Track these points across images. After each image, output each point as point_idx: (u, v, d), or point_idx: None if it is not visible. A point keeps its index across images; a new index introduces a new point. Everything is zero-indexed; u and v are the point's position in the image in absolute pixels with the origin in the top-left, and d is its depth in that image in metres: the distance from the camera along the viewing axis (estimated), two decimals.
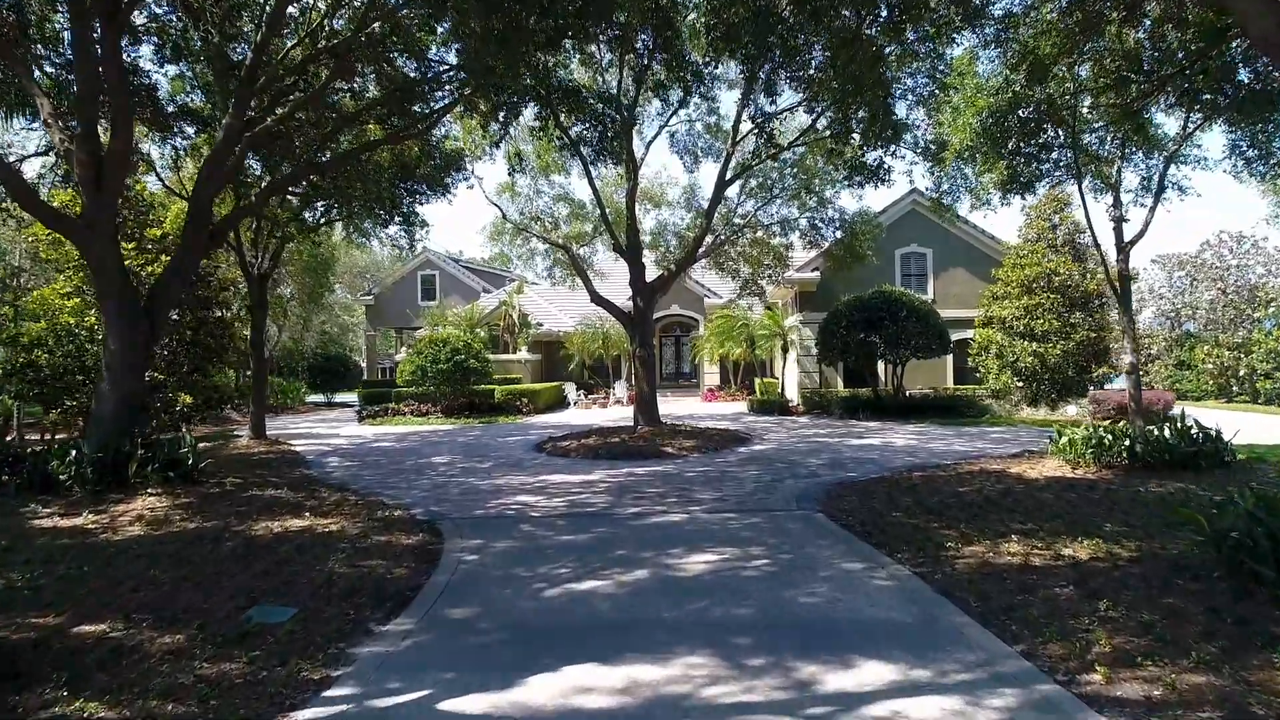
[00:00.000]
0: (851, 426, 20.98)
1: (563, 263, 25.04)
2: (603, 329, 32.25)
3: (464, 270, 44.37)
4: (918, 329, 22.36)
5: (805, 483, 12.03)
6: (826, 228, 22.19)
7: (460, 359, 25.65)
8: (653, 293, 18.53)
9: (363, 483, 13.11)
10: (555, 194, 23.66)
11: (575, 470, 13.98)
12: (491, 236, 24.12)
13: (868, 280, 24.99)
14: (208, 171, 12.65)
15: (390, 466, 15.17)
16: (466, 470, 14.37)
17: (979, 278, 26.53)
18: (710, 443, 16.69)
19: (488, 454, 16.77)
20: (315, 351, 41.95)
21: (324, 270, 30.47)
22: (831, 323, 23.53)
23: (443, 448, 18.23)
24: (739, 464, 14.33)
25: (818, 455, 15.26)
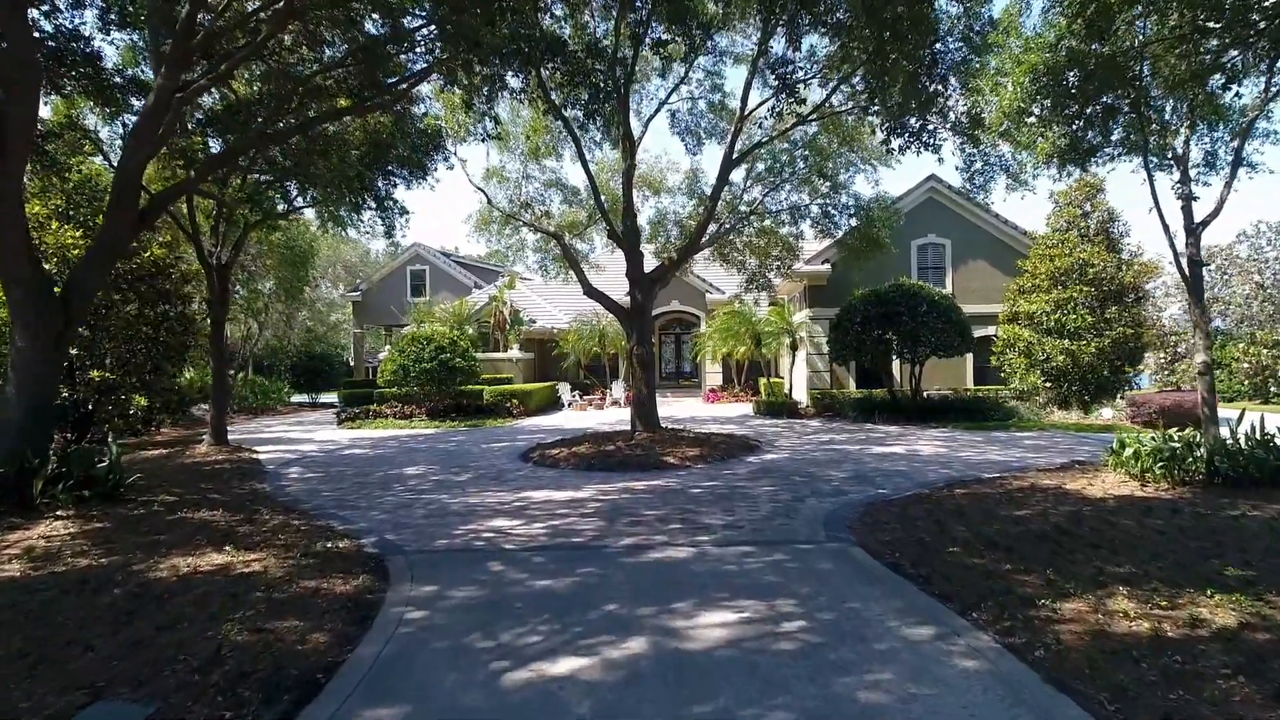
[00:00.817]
0: (869, 431, 19.22)
1: (555, 255, 23.29)
2: (599, 325, 30.49)
3: (455, 265, 42.57)
4: (939, 324, 20.59)
5: (830, 502, 10.27)
6: (840, 215, 20.44)
7: (445, 358, 23.89)
8: (652, 284, 16.77)
9: (317, 500, 11.35)
10: (546, 179, 21.89)
11: (563, 485, 12.22)
12: (478, 226, 22.33)
13: (882, 273, 23.24)
14: (135, 139, 10.88)
15: (355, 479, 13.41)
16: (439, 484, 12.60)
17: (1001, 271, 24.79)
18: (716, 451, 14.93)
19: (467, 464, 15.01)
20: (300, 350, 40.16)
21: (302, 263, 28.69)
22: (844, 318, 21.77)
23: (419, 456, 16.47)
24: (750, 477, 12.57)
25: (838, 466, 13.50)
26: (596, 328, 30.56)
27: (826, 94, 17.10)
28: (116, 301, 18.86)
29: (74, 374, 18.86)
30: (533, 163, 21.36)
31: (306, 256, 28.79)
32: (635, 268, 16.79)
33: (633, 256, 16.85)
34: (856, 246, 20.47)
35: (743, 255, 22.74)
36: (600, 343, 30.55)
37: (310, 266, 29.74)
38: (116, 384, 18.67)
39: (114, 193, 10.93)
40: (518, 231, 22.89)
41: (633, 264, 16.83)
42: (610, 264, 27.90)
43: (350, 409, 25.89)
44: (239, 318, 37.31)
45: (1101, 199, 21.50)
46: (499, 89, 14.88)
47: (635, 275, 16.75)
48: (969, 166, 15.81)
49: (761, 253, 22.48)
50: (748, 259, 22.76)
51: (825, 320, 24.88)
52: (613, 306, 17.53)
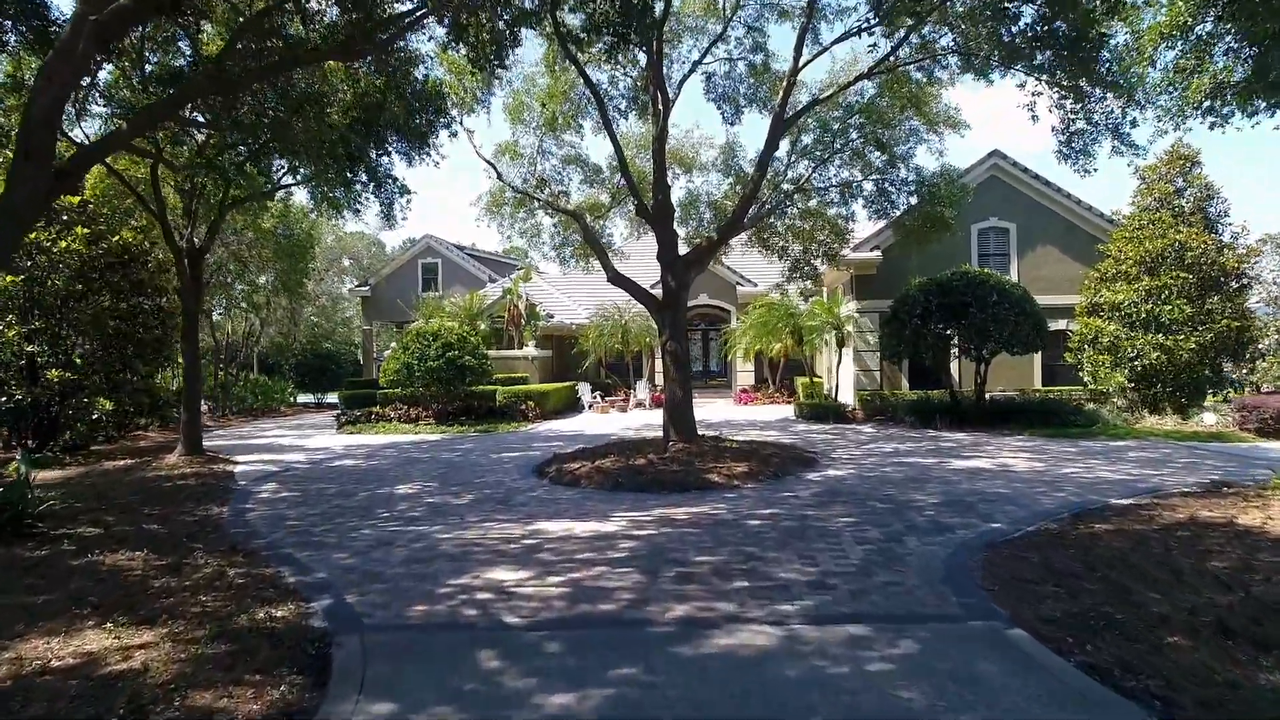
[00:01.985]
0: (936, 440, 16.69)
1: (574, 240, 20.92)
2: (622, 320, 28.10)
3: (469, 259, 40.30)
4: (1012, 317, 18.02)
5: (937, 543, 7.81)
6: (899, 192, 17.86)
7: (454, 356, 21.59)
8: (687, 269, 14.32)
9: (278, 533, 9.04)
10: (565, 155, 19.49)
11: (586, 512, 9.83)
12: (488, 209, 19.96)
13: (937, 262, 20.68)
14: (45, 78, 8.60)
15: (335, 501, 11.10)
16: (434, 509, 10.25)
17: (1073, 258, 22.15)
18: (767, 466, 12.48)
19: (471, 480, 12.67)
20: (305, 348, 38.06)
21: (301, 254, 26.47)
22: (900, 311, 19.22)
23: (418, 469, 14.16)
24: (817, 502, 10.12)
25: (922, 487, 11.02)
26: (618, 323, 28.17)
27: (892, 46, 14.61)
28: (82, 291, 16.73)
29: (35, 373, 16.74)
30: (549, 136, 18.98)
31: (305, 247, 26.57)
32: (668, 249, 14.36)
33: (665, 236, 14.43)
34: (917, 228, 17.92)
35: (784, 240, 20.26)
36: (623, 339, 28.17)
37: (310, 258, 27.54)
38: (78, 384, 16.51)
39: (20, 145, 8.64)
40: (533, 215, 20.52)
41: (665, 245, 14.41)
42: (635, 251, 25.44)
43: (351, 411, 23.67)
44: (237, 313, 35.36)
45: (1198, 173, 18.83)
46: (511, 45, 12.54)
47: (668, 259, 14.33)
48: (1067, 127, 13.24)
49: (806, 237, 19.98)
50: (790, 244, 20.27)
51: (874, 314, 22.38)
52: (641, 295, 15.12)
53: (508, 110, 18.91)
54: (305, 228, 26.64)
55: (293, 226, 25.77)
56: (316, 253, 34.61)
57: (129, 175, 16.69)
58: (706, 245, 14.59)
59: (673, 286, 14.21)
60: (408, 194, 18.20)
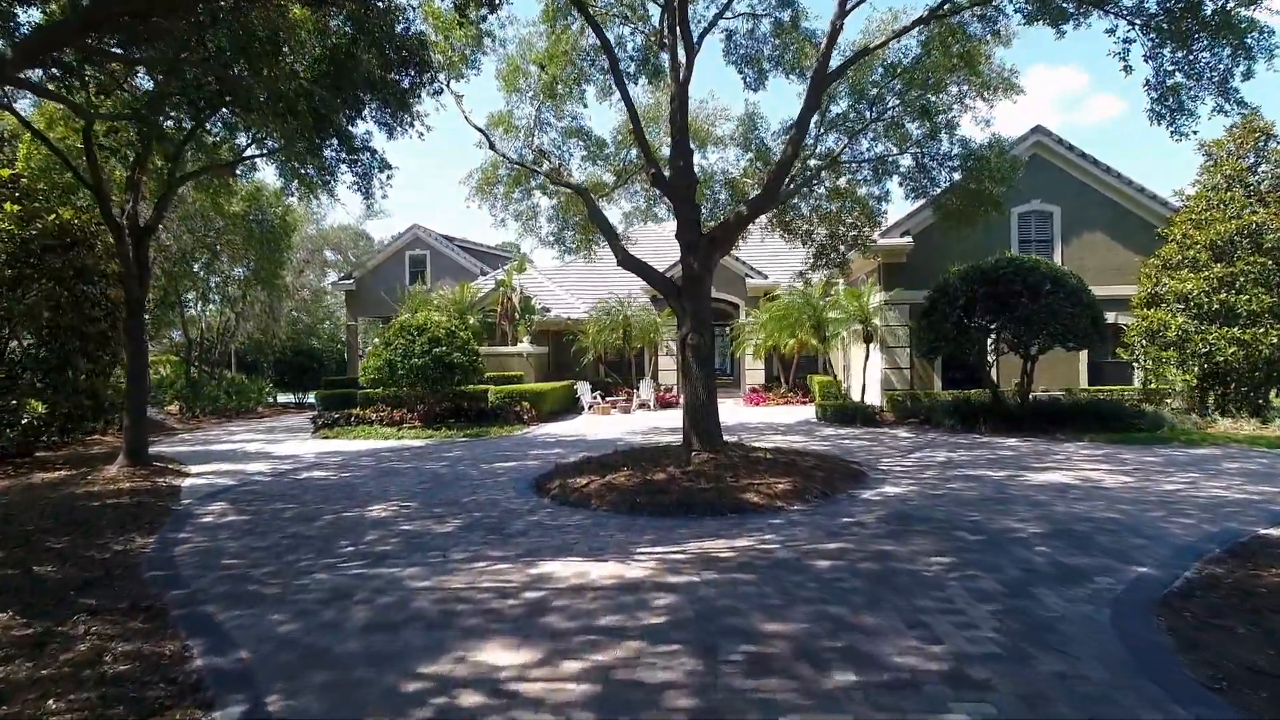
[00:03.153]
0: (990, 448, 14.69)
1: (575, 224, 18.88)
2: (624, 314, 26.03)
3: (459, 250, 38.15)
4: (1067, 309, 16.05)
5: (1081, 597, 5.79)
6: (940, 167, 15.92)
7: (441, 352, 19.49)
8: (711, 249, 12.24)
9: (208, 577, 6.97)
10: (566, 127, 17.46)
11: (601, 547, 7.77)
12: (480, 187, 17.86)
13: (973, 250, 18.75)
14: None
15: (290, 529, 9.01)
16: (411, 541, 8.18)
17: (1125, 244, 20.22)
18: (811, 482, 10.45)
19: (459, 499, 10.60)
20: (285, 345, 35.86)
21: (275, 243, 24.28)
22: (939, 302, 17.23)
23: (397, 483, 12.08)
24: (890, 532, 8.08)
25: (1008, 510, 9.02)
26: (619, 317, 26.09)
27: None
28: (13, 278, 14.59)
29: None
30: (548, 105, 16.92)
31: (280, 235, 24.37)
32: (689, 228, 12.29)
33: (685, 212, 12.36)
34: (960, 208, 15.94)
35: (809, 223, 18.26)
36: (624, 335, 26.11)
37: (286, 247, 25.36)
38: (8, 384, 14.37)
39: None
40: (529, 195, 18.47)
41: (685, 223, 12.34)
42: (642, 237, 23.33)
43: (328, 414, 21.56)
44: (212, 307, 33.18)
45: (1275, 147, 16.87)
46: None
47: (689, 238, 12.26)
48: (1161, 81, 11.22)
49: (833, 220, 18.00)
50: (815, 228, 18.28)
51: (904, 306, 20.39)
52: (657, 281, 13.07)
53: (501, 77, 16.84)
54: (280, 213, 24.44)
55: (266, 211, 23.59)
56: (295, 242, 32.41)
57: (66, 146, 14.55)
58: (734, 221, 12.49)
59: (695, 270, 12.14)
60: (388, 169, 16.27)
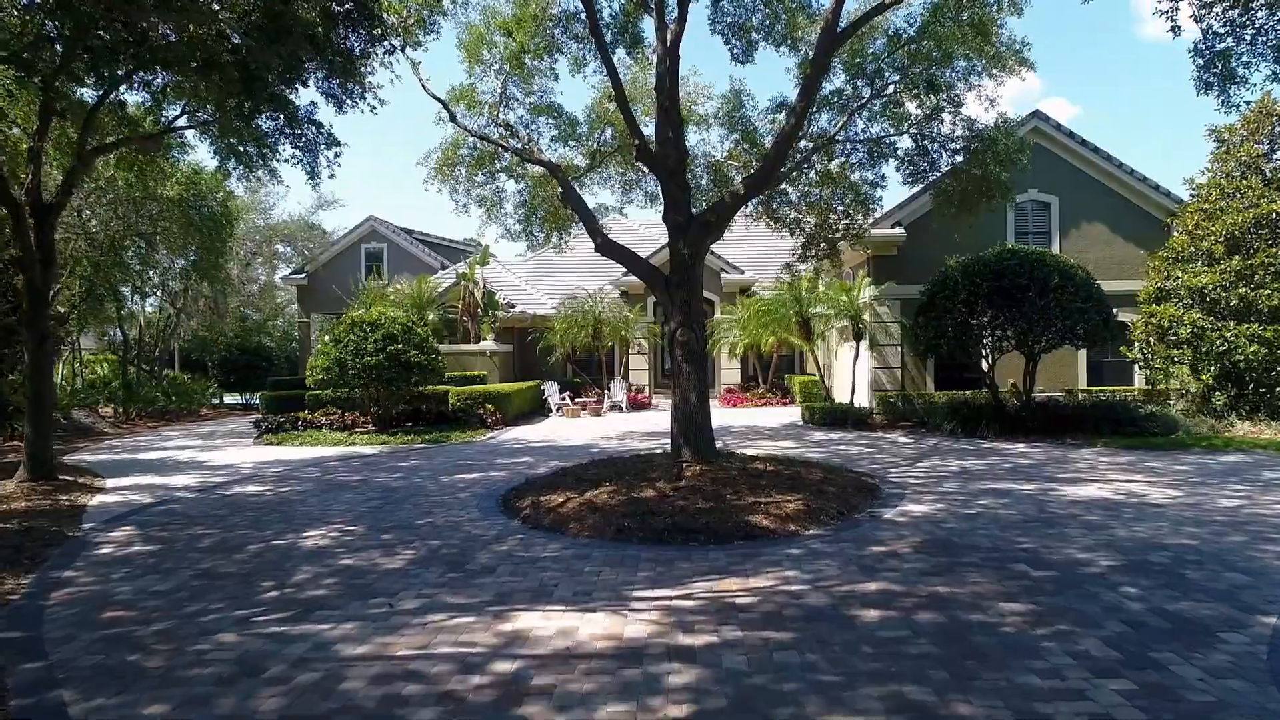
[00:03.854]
0: (1002, 455, 13.46)
1: (544, 210, 17.31)
2: (594, 310, 24.49)
3: (417, 244, 36.28)
4: (1077, 304, 14.94)
5: (1224, 665, 4.42)
6: (942, 150, 14.71)
7: (396, 350, 17.79)
8: (703, 233, 10.76)
9: (75, 643, 5.35)
10: (535, 104, 15.91)
11: (588, 589, 6.27)
12: (439, 168, 16.19)
13: (968, 241, 17.59)
14: None
15: (203, 565, 7.37)
16: (350, 583, 6.59)
17: (1125, 237, 19.21)
18: (824, 499, 9.04)
19: (413, 521, 9.02)
20: (233, 343, 33.71)
21: (216, 231, 22.26)
22: (940, 297, 16.01)
23: (342, 502, 10.44)
24: (935, 567, 6.69)
25: (1062, 535, 7.70)
26: (590, 313, 24.55)
27: None
28: None
29: None
30: (515, 78, 15.34)
31: (221, 223, 22.38)
32: (679, 207, 10.82)
33: (675, 191, 10.90)
34: (963, 194, 14.67)
35: (797, 211, 16.90)
36: (595, 332, 24.56)
37: (228, 236, 23.36)
38: None
39: None
40: (493, 178, 16.86)
41: (674, 203, 10.87)
42: (617, 228, 21.81)
43: (273, 417, 19.71)
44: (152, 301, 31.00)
45: None
46: None
47: (679, 220, 10.79)
48: (1210, 45, 10.01)
49: (823, 208, 16.65)
50: (804, 217, 16.92)
51: (894, 301, 19.14)
52: (641, 269, 11.57)
53: (463, 47, 15.23)
54: (221, 199, 22.45)
55: (206, 198, 21.62)
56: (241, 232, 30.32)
57: None
58: (729, 201, 11.03)
59: (685, 256, 10.67)
60: (336, 146, 14.72)
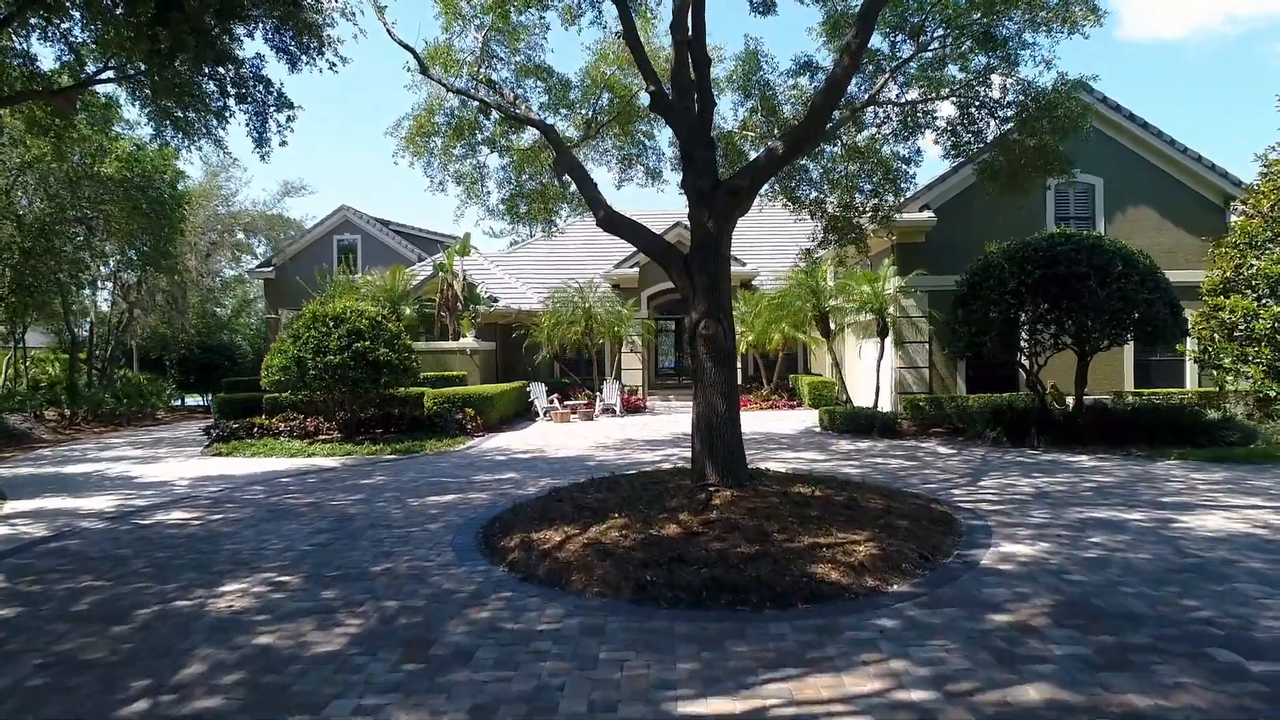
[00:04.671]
0: (1070, 468, 11.53)
1: (531, 189, 15.26)
2: (585, 304, 22.41)
3: (393, 235, 34.06)
4: (1143, 295, 13.06)
5: None
6: (989, 118, 12.81)
7: (364, 347, 15.63)
8: (733, 202, 8.71)
9: None
10: (522, 64, 13.86)
11: (606, 696, 4.22)
12: (411, 139, 14.02)
13: (1004, 226, 15.80)
14: None
15: (64, 645, 5.26)
16: (258, 683, 4.49)
17: (1177, 223, 17.40)
18: (896, 538, 7.02)
19: (366, 569, 6.93)
20: (193, 340, 31.32)
21: (163, 216, 19.92)
22: (984, 286, 14.07)
23: (283, 535, 8.33)
24: (1108, 657, 4.67)
25: (1243, 596, 5.73)
26: (581, 307, 22.46)
27: None
28: None
29: None
30: (499, 33, 13.26)
31: (170, 207, 20.06)
32: (702, 169, 8.77)
33: (698, 145, 8.85)
34: (1011, 168, 12.76)
35: (819, 190, 14.91)
36: (586, 328, 22.47)
37: (179, 220, 21.04)
38: None
39: None
40: (474, 151, 14.74)
41: (696, 164, 8.82)
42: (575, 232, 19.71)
43: (226, 423, 17.50)
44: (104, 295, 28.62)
45: None
46: None
47: (703, 184, 8.73)
48: None
49: (848, 186, 14.65)
50: (827, 196, 14.93)
51: (923, 292, 17.19)
52: (654, 247, 9.46)
53: None
54: (169, 179, 20.13)
55: (151, 178, 19.32)
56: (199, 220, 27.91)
57: None
58: (764, 162, 8.95)
59: (710, 231, 8.63)
60: (289, 108, 12.68)
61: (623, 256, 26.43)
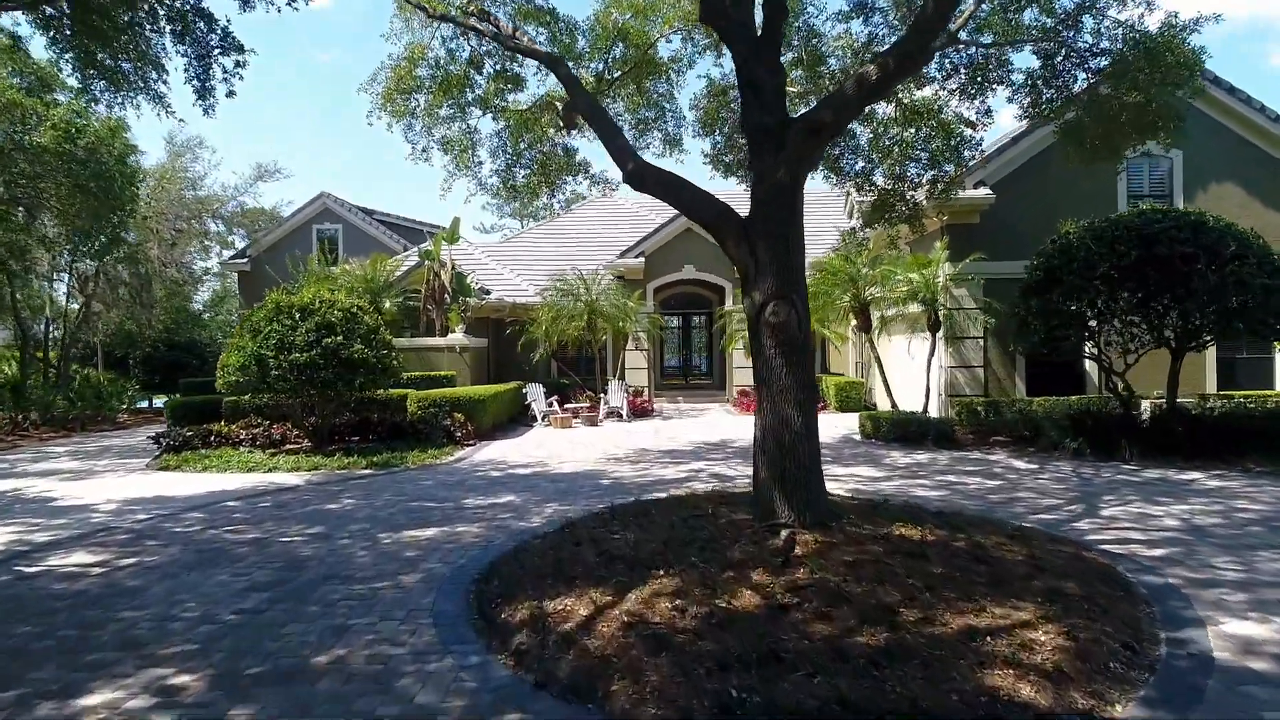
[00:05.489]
0: (1204, 492, 9.40)
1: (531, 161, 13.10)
2: (588, 296, 20.20)
3: (379, 225, 31.83)
4: (1261, 282, 10.99)
5: None
6: (1077, 69, 10.75)
7: (335, 342, 13.39)
8: (814, 141, 6.50)
9: None
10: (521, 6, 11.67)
11: None
12: (389, 96, 11.71)
13: (1069, 206, 13.80)
14: None
15: None
16: None
17: (1266, 201, 15.35)
18: (1076, 614, 4.88)
19: (304, 658, 4.70)
20: (159, 337, 28.95)
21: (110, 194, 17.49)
22: (1065, 271, 11.98)
23: (201, 596, 6.10)
24: None
25: None
26: (583, 299, 20.24)
27: None
28: None
29: None
30: None
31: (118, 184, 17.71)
32: (768, 101, 6.58)
33: (761, 70, 6.65)
34: (1105, 128, 10.64)
35: (867, 159, 12.79)
36: (589, 323, 20.27)
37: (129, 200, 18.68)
38: None
39: None
40: (464, 113, 12.59)
41: (764, 91, 6.62)
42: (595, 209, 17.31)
43: (180, 431, 15.23)
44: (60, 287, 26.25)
45: None
46: None
47: (769, 120, 6.55)
48: None
49: (901, 155, 12.50)
50: (876, 166, 12.81)
51: (977, 279, 15.07)
52: (701, 207, 7.17)
53: None
54: (118, 153, 17.76)
55: (97, 151, 16.98)
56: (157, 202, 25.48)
57: None
58: (854, 92, 6.69)
59: (780, 183, 6.45)
60: (237, 52, 10.53)
61: (625, 246, 24.26)
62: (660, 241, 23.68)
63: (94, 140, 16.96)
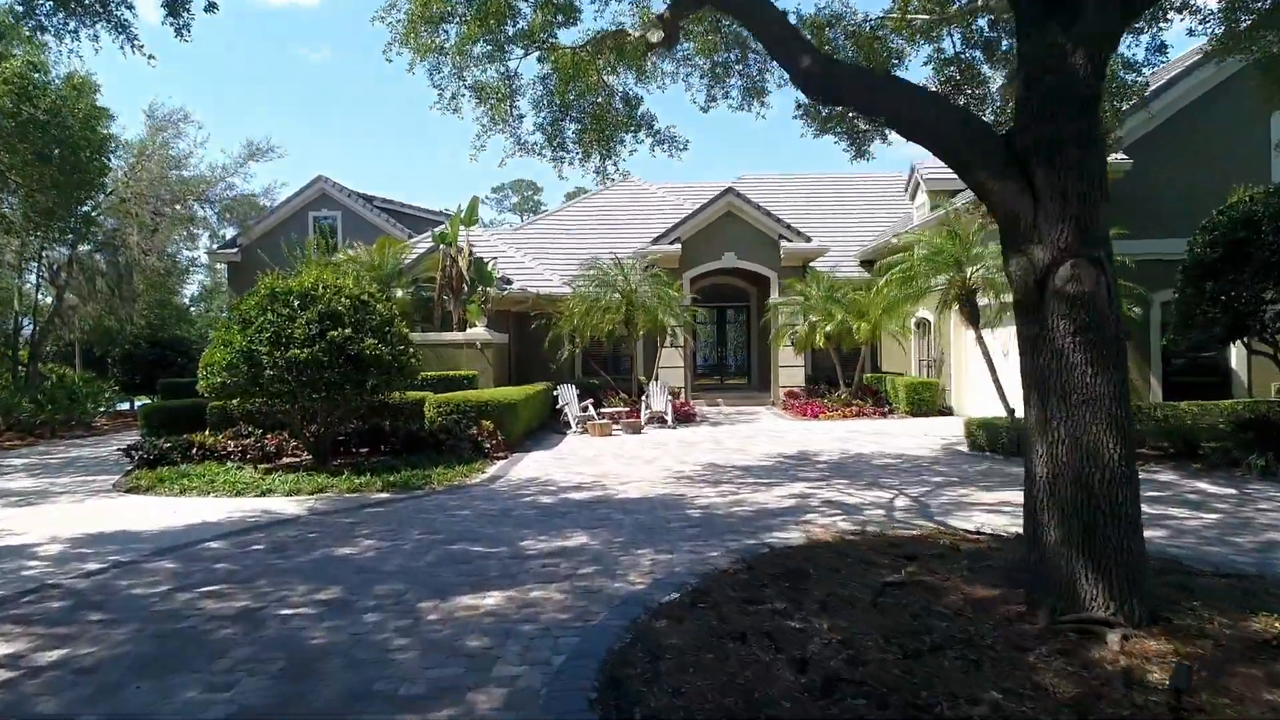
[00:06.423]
0: None
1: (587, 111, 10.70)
2: (626, 284, 17.79)
3: (380, 212, 29.39)
4: None
5: None
6: None
7: (342, 335, 10.98)
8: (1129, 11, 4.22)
9: None
10: None
11: None
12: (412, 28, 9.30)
13: (1204, 178, 11.52)
14: None
15: None
16: None
17: None
18: None
19: None
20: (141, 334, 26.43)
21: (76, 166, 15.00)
22: (1252, 245, 9.66)
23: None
24: None
25: None
26: (620, 289, 17.81)
27: None
28: None
29: None
30: None
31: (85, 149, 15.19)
32: None
33: None
34: None
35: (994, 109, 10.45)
36: (625, 316, 17.84)
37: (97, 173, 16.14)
38: None
39: None
40: (502, 53, 10.22)
41: None
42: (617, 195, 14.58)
43: (156, 441, 12.81)
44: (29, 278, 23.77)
45: None
46: None
47: None
48: None
49: None
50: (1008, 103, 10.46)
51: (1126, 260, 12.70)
52: (936, 119, 4.77)
53: None
54: (82, 114, 15.26)
55: (59, 113, 14.50)
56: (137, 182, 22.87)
57: None
58: None
59: (1076, 72, 4.07)
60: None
61: (654, 234, 21.85)
62: (698, 225, 21.29)
63: (56, 101, 14.49)
